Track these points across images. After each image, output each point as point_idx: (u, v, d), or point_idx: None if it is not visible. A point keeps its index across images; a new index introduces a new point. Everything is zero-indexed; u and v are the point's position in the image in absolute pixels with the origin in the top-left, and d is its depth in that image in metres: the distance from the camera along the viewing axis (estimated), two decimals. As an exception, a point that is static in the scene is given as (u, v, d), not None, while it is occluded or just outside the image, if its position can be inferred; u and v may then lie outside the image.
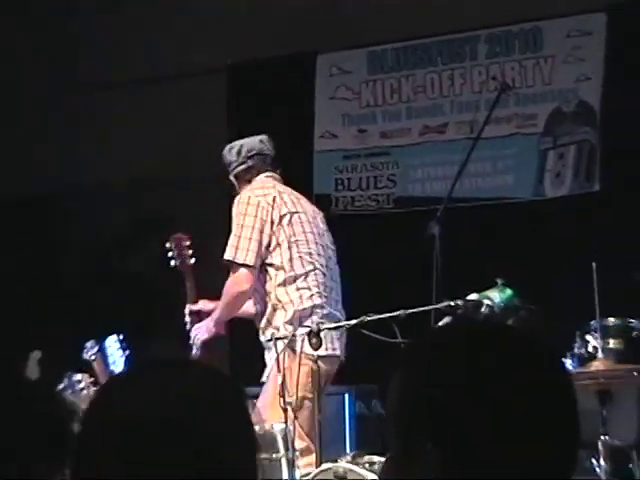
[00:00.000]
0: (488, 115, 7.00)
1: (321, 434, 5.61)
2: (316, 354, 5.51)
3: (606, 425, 5.21)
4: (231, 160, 6.10)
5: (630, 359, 5.83)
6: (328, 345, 5.79)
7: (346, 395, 6.96)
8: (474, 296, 5.30)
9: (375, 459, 5.25)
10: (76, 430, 1.78)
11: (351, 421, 6.97)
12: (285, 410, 5.46)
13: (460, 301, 5.32)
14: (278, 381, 5.55)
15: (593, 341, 5.82)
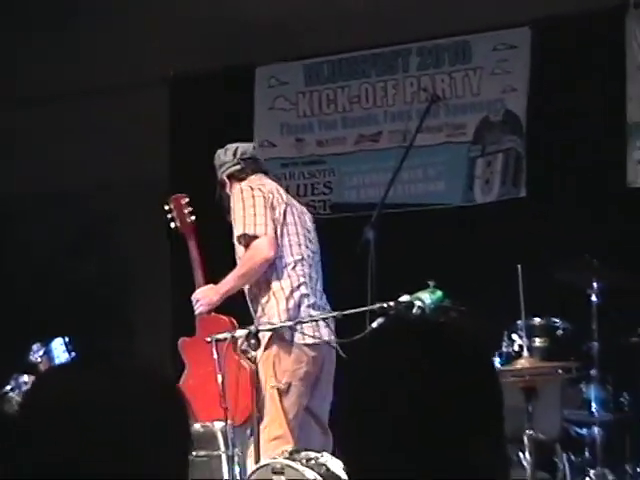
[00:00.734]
0: (419, 124, 7.17)
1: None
2: (302, 342, 5.79)
3: (531, 420, 5.28)
4: (226, 160, 6.16)
5: (554, 357, 6.02)
6: (316, 333, 5.87)
7: None
8: (406, 298, 5.33)
9: (312, 455, 5.29)
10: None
11: None
12: (225, 409, 5.49)
13: (393, 302, 5.37)
14: (268, 367, 5.76)
15: (519, 340, 5.92)
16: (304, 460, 5.23)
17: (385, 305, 5.43)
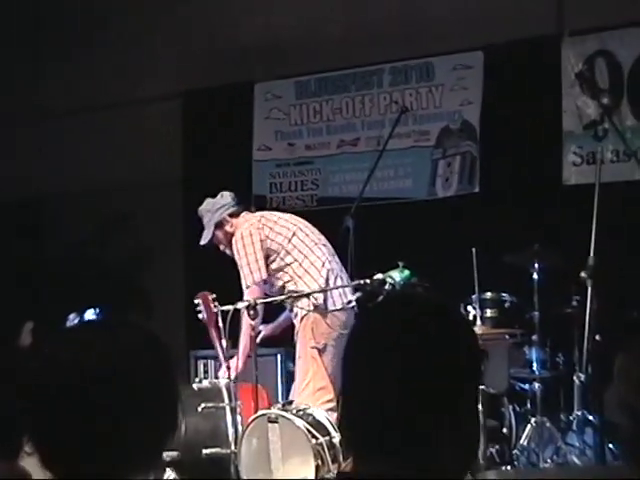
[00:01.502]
0: (391, 131, 7.21)
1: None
2: (333, 308, 5.84)
3: (483, 377, 5.28)
4: (225, 203, 6.29)
5: (503, 325, 6.12)
6: (343, 299, 5.92)
7: (278, 356, 6.87)
8: (379, 276, 5.43)
9: (301, 407, 5.46)
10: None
11: (282, 377, 6.86)
12: (228, 368, 5.67)
13: (368, 280, 5.48)
14: (307, 331, 5.82)
15: (473, 311, 5.98)
16: (294, 411, 5.35)
17: (362, 282, 5.54)
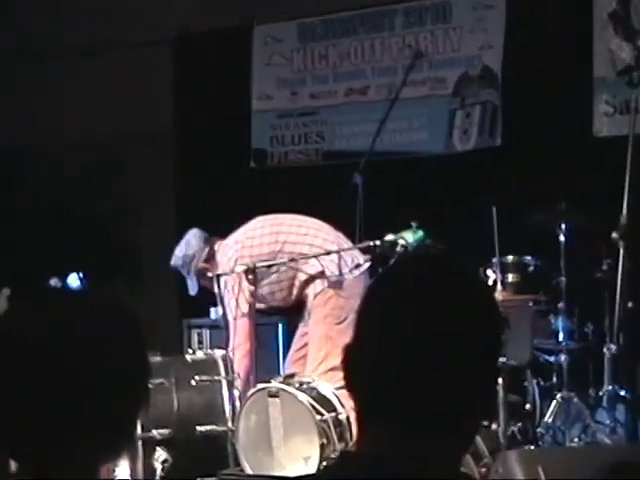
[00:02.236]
0: (404, 79, 7.19)
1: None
2: (352, 275, 5.79)
3: (504, 348, 5.16)
4: (194, 252, 6.14)
5: (525, 291, 6.09)
6: (357, 262, 5.86)
7: (279, 325, 6.86)
8: (391, 237, 5.42)
9: (304, 379, 5.42)
10: None
11: (284, 347, 6.80)
12: (227, 337, 5.63)
13: (379, 241, 5.45)
14: (324, 307, 5.81)
15: (493, 275, 5.90)
16: (297, 384, 5.29)
17: (372, 243, 5.51)
